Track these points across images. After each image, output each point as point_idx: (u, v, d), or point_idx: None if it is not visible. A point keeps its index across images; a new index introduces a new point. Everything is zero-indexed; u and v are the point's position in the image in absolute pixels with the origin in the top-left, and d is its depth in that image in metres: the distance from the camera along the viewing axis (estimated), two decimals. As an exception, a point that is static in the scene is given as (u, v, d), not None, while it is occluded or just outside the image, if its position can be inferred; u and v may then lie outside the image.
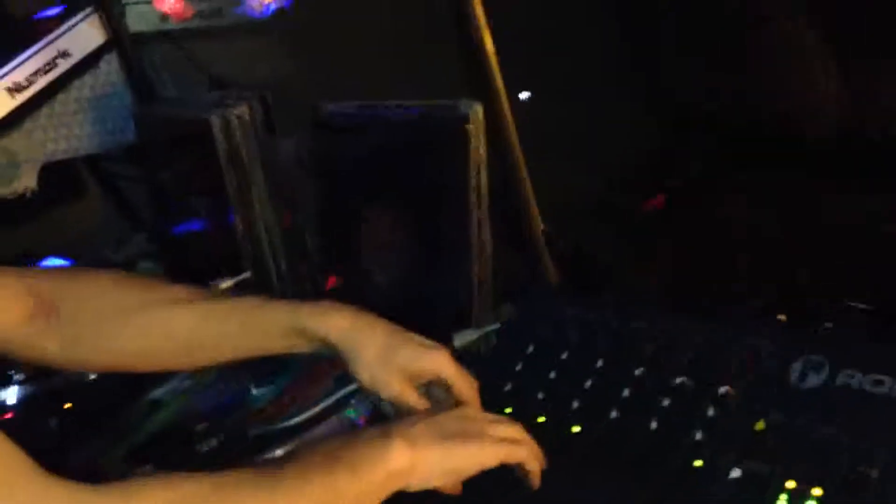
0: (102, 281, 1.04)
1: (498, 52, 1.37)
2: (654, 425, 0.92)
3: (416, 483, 0.84)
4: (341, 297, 1.44)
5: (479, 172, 1.27)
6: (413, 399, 0.95)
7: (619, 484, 0.91)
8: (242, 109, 1.49)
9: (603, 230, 1.47)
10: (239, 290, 1.43)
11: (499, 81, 1.37)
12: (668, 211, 1.45)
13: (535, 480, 0.90)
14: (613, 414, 0.96)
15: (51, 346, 1.00)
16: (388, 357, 0.95)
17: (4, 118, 1.54)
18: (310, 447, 0.84)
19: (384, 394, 0.96)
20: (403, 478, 0.83)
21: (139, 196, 1.75)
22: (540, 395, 1.02)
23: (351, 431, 1.00)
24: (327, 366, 1.21)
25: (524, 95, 1.54)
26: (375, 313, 1.00)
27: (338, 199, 1.47)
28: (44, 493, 0.66)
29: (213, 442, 1.11)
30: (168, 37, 1.69)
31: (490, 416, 0.93)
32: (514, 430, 0.90)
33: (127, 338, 1.00)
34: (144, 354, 1.01)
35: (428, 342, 0.98)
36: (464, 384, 0.95)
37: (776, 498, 0.81)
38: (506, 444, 0.88)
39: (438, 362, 0.96)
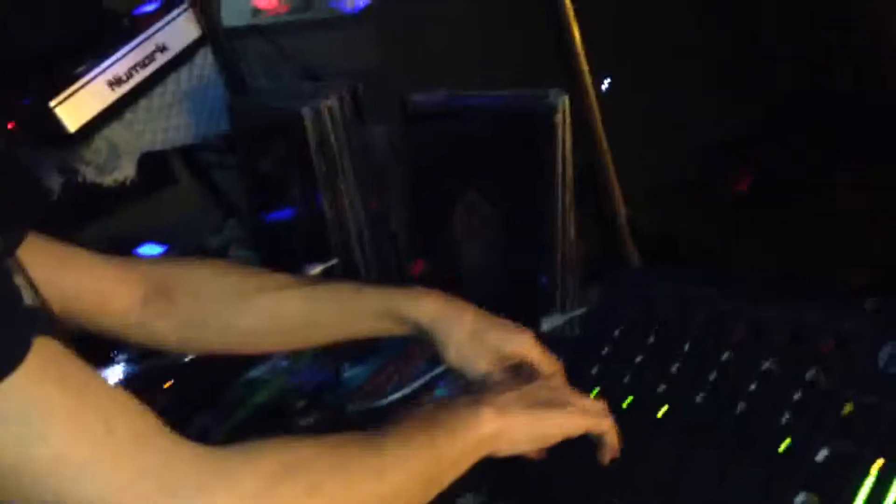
0: (210, 269, 1.10)
1: (584, 38, 1.39)
2: (741, 408, 0.93)
3: (505, 447, 0.87)
4: (428, 284, 1.48)
5: (564, 160, 1.29)
6: (493, 374, 0.98)
7: (705, 466, 0.92)
8: (333, 100, 1.54)
9: (688, 214, 1.47)
10: (327, 277, 1.48)
11: (586, 69, 1.38)
12: (755, 194, 1.44)
13: (613, 454, 0.93)
14: (700, 397, 0.97)
15: (164, 329, 1.06)
16: (475, 340, 0.99)
17: (106, 110, 1.60)
18: (408, 414, 0.87)
19: (471, 375, 0.99)
20: (493, 442, 0.86)
21: (232, 185, 1.81)
22: (626, 379, 1.04)
23: (450, 399, 1.04)
24: (417, 348, 1.25)
25: (608, 81, 1.55)
26: (462, 299, 1.05)
27: (425, 187, 1.51)
28: (172, 450, 0.69)
29: (312, 419, 1.16)
30: (260, 30, 1.74)
31: (576, 390, 0.96)
32: (598, 404, 0.94)
33: (235, 322, 1.06)
34: (251, 337, 1.07)
35: (514, 325, 1.01)
36: (549, 365, 0.99)
37: (864, 478, 0.82)
38: (590, 415, 0.91)
39: (524, 345, 0.99)
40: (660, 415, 1.00)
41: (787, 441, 0.89)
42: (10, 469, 0.64)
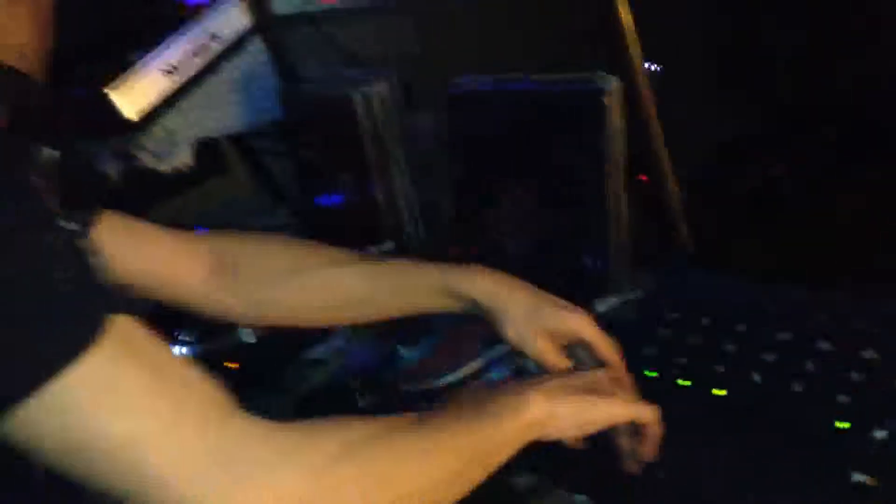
0: (274, 243, 1.14)
1: (636, 21, 1.39)
2: (797, 388, 0.95)
3: (552, 432, 0.89)
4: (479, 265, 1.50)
5: (615, 144, 1.30)
6: (554, 357, 1.00)
7: (761, 446, 0.94)
8: (382, 87, 1.56)
9: (739, 198, 1.48)
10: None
11: (636, 54, 1.39)
12: (805, 178, 1.45)
13: (655, 446, 0.94)
14: (756, 378, 0.99)
15: (231, 301, 1.10)
16: (532, 317, 1.01)
17: (161, 98, 1.63)
18: (458, 398, 0.89)
19: (528, 350, 1.01)
20: (540, 427, 0.88)
21: (285, 171, 1.84)
22: (683, 360, 1.05)
23: (496, 386, 1.06)
24: (470, 330, 1.27)
25: (654, 68, 1.56)
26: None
27: (475, 171, 1.52)
28: (240, 426, 0.71)
29: (368, 399, 1.18)
30: (310, 18, 1.76)
31: (623, 380, 0.98)
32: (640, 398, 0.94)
33: (298, 294, 1.09)
34: (312, 310, 1.11)
35: (570, 305, 1.03)
36: (604, 344, 1.00)
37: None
38: (634, 404, 0.92)
39: (580, 323, 1.01)
40: (717, 394, 1.01)
41: (844, 422, 0.90)
42: (85, 444, 0.67)
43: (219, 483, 0.69)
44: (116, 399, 0.67)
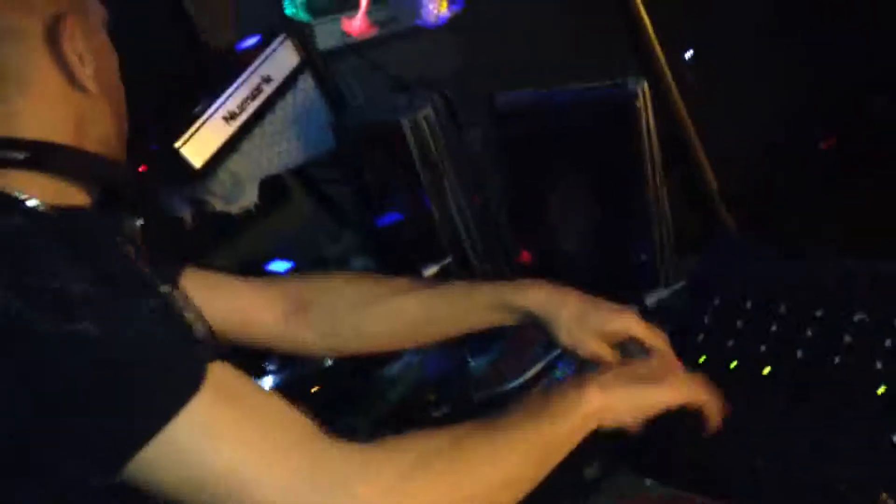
0: (340, 279, 1.25)
1: (657, 19, 1.46)
2: (837, 360, 1.01)
3: (610, 420, 0.95)
4: (534, 271, 1.58)
5: (650, 142, 1.37)
6: (608, 355, 1.08)
7: (810, 416, 1.01)
8: (428, 109, 1.65)
9: (776, 179, 1.53)
10: (443, 275, 1.60)
11: (660, 53, 1.45)
12: (841, 154, 1.49)
13: (715, 424, 0.99)
14: (800, 354, 1.05)
15: (306, 337, 1.21)
16: (582, 320, 1.09)
17: (225, 144, 1.74)
18: (519, 402, 0.96)
19: (582, 352, 1.09)
20: (598, 417, 0.94)
21: (344, 197, 1.93)
22: (730, 343, 1.12)
23: (555, 384, 1.14)
24: (533, 333, 1.35)
25: (689, 55, 1.61)
26: (567, 282, 1.15)
27: (523, 181, 1.60)
28: (322, 450, 0.81)
29: (443, 411, 1.27)
30: (352, 49, 1.85)
31: (678, 365, 1.05)
32: (697, 379, 1.00)
33: (364, 327, 1.20)
34: (378, 338, 1.21)
35: (617, 306, 1.11)
36: (654, 338, 1.08)
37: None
38: (689, 388, 0.99)
39: (628, 322, 1.08)
40: (765, 373, 1.08)
41: (883, 386, 0.97)
42: (197, 479, 0.77)
43: (310, 500, 0.78)
44: (218, 437, 0.78)
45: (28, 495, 0.80)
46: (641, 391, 0.97)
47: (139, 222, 0.98)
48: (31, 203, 0.84)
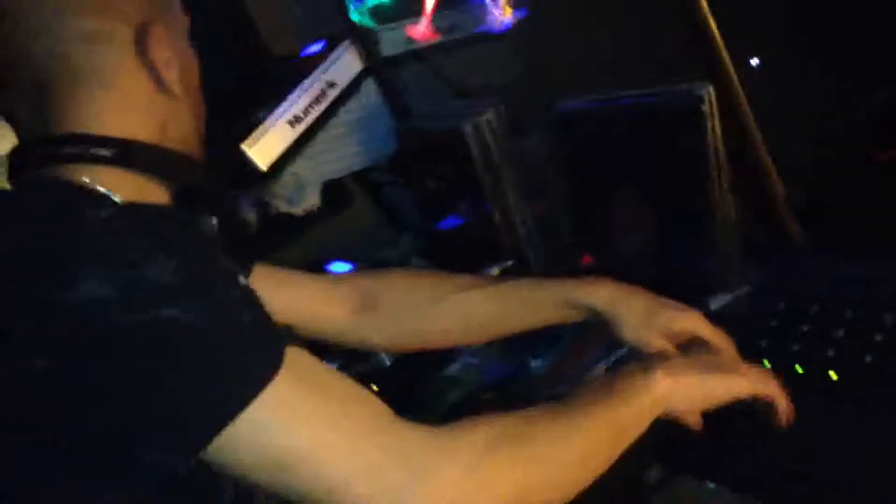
0: (408, 277, 1.27)
1: (723, 25, 1.45)
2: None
3: (677, 406, 0.95)
4: (595, 274, 1.58)
5: (716, 147, 1.36)
6: (673, 354, 1.07)
7: (879, 422, 0.99)
8: (489, 115, 1.66)
9: (843, 185, 1.51)
10: (505, 276, 1.60)
11: (726, 57, 1.45)
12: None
13: (782, 419, 0.99)
14: (868, 359, 1.04)
15: (373, 334, 1.23)
16: (648, 319, 1.09)
17: (290, 147, 1.77)
18: (588, 385, 0.98)
19: (647, 349, 1.09)
20: (665, 402, 0.94)
21: (404, 201, 1.95)
22: (795, 347, 1.11)
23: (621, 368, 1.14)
24: (592, 338, 1.35)
25: (755, 62, 1.60)
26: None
27: (585, 186, 1.60)
28: (402, 431, 0.83)
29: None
30: (415, 55, 1.87)
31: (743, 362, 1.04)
32: (765, 371, 1.00)
33: (430, 323, 1.21)
34: (444, 335, 1.23)
35: (683, 306, 1.11)
36: (719, 339, 1.07)
37: None
38: (759, 379, 0.98)
39: (694, 322, 1.08)
40: (832, 377, 1.07)
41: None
42: (278, 459, 0.79)
43: (389, 480, 0.79)
44: (298, 417, 0.79)
45: (111, 485, 0.81)
46: (709, 378, 0.97)
47: (215, 221, 1.00)
48: (116, 199, 0.87)
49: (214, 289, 0.81)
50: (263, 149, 1.70)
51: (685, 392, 0.95)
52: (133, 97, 0.93)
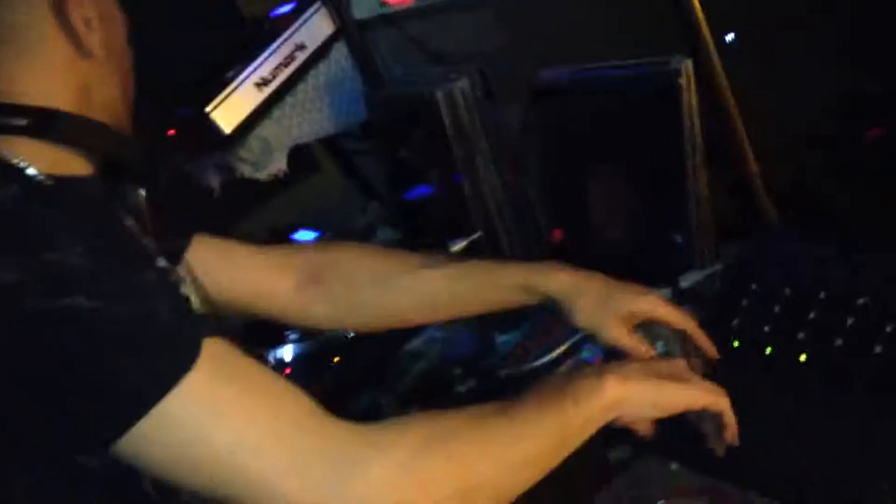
0: (356, 253, 1.22)
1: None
2: (878, 350, 0.98)
3: (629, 412, 0.93)
4: (567, 251, 1.55)
5: (692, 123, 1.34)
6: (627, 339, 1.06)
7: (847, 405, 0.98)
8: (464, 83, 1.62)
9: (820, 165, 1.49)
10: (472, 250, 1.57)
11: (706, 32, 1.41)
12: (888, 145, 1.45)
13: (732, 434, 0.96)
14: (838, 342, 1.02)
15: (319, 310, 1.18)
16: (603, 303, 1.07)
17: (256, 110, 1.72)
18: (539, 385, 0.93)
19: (602, 335, 1.07)
20: (616, 408, 0.91)
21: (374, 169, 1.91)
22: (766, 329, 1.09)
23: (575, 370, 1.12)
24: (559, 316, 1.33)
25: (730, 37, 1.57)
26: (601, 263, 1.12)
27: (558, 159, 1.57)
28: (330, 429, 0.79)
29: (469, 384, 1.25)
30: (388, 20, 1.83)
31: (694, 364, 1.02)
32: (716, 385, 0.96)
33: (382, 301, 1.17)
34: (397, 314, 1.18)
35: (640, 288, 1.09)
36: (677, 317, 1.06)
37: None
38: (709, 391, 0.95)
39: (651, 303, 1.07)
40: (801, 360, 1.05)
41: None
42: (193, 456, 0.75)
43: (315, 478, 0.76)
44: (216, 413, 0.75)
45: (22, 474, 0.78)
46: (663, 387, 0.94)
47: (143, 192, 0.96)
48: (30, 171, 0.82)
49: (126, 274, 0.77)
50: (228, 112, 1.66)
51: (637, 399, 0.92)
52: (51, 61, 0.88)
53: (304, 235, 1.86)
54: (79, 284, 0.73)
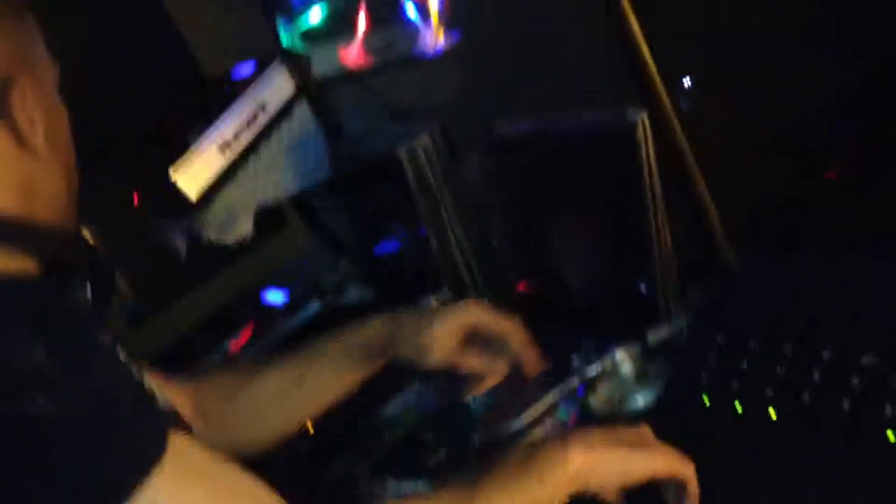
0: (219, 377, 1.22)
1: (657, 47, 1.43)
2: (846, 406, 0.99)
3: (595, 482, 0.92)
4: (533, 301, 1.56)
5: (650, 173, 1.35)
6: (457, 358, 1.09)
7: (819, 461, 0.98)
8: (425, 139, 1.63)
9: (780, 208, 1.50)
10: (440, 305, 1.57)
11: (658, 82, 1.43)
12: (845, 184, 1.46)
13: (697, 501, 0.96)
14: (806, 398, 1.03)
15: (216, 438, 1.12)
16: (420, 328, 1.09)
17: (220, 174, 1.72)
18: (500, 461, 0.93)
19: (428, 362, 1.10)
20: (582, 478, 0.91)
21: (342, 225, 1.91)
22: (734, 385, 1.09)
23: (539, 441, 1.12)
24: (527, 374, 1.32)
25: (687, 82, 1.59)
26: (569, 316, 1.12)
27: (522, 210, 1.58)
28: None
29: (441, 456, 1.24)
30: (349, 77, 1.84)
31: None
32: (681, 454, 0.96)
33: (247, 423, 1.18)
34: (263, 432, 1.19)
35: (459, 302, 1.13)
36: (500, 325, 1.10)
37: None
38: (675, 460, 0.95)
39: (471, 312, 1.11)
40: (771, 416, 1.05)
41: (891, 432, 0.94)
42: None
43: None
44: None
45: None
46: (628, 455, 0.94)
47: (88, 291, 0.96)
48: None
49: (86, 372, 0.76)
50: (192, 176, 1.66)
51: (603, 469, 0.92)
52: None
53: (274, 296, 1.86)
54: (39, 385, 0.72)
